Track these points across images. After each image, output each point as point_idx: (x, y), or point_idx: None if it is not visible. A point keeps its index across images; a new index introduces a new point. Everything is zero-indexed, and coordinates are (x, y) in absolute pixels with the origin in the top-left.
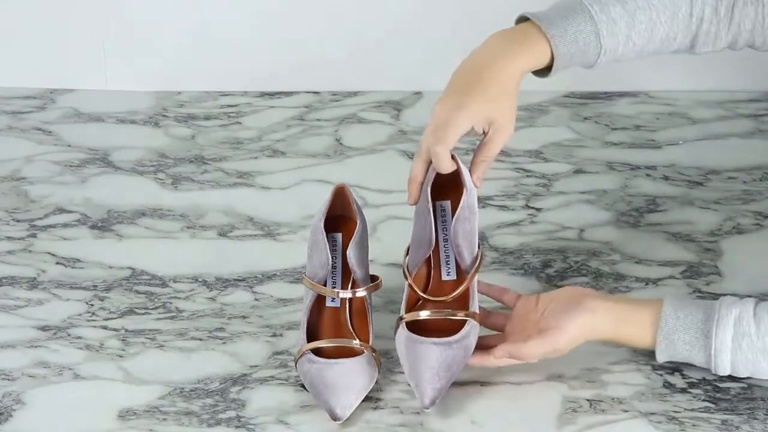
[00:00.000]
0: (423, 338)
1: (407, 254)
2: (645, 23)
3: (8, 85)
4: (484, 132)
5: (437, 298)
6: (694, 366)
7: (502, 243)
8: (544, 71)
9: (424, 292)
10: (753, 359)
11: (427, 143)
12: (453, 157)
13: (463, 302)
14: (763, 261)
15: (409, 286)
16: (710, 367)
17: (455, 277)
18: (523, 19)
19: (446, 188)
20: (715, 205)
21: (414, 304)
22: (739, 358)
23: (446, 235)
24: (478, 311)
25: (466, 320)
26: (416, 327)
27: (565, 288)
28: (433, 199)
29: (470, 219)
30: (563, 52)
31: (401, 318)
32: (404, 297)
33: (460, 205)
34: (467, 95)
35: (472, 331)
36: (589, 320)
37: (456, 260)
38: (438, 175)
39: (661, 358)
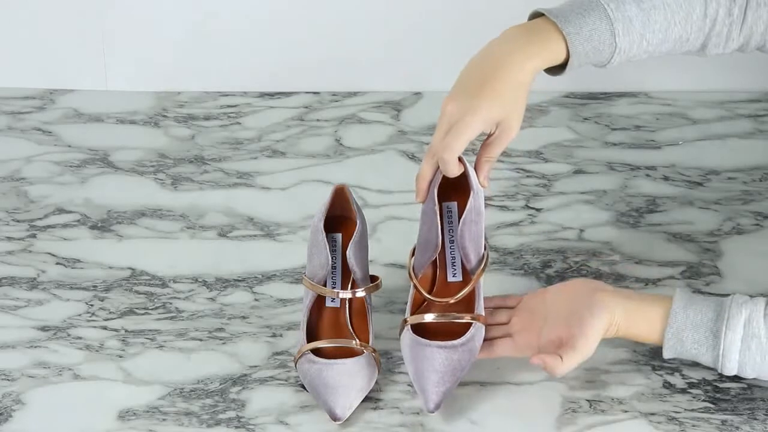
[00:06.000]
0: (428, 342)
1: (412, 255)
2: (660, 23)
3: (8, 85)
4: (490, 132)
5: (442, 299)
6: (695, 366)
7: (502, 243)
8: (556, 69)
9: (429, 294)
10: (761, 362)
11: (436, 147)
12: (460, 159)
13: (468, 304)
14: (763, 261)
15: (415, 287)
16: (717, 367)
17: (461, 279)
18: (536, 15)
19: (453, 189)
20: (715, 205)
21: (419, 306)
22: (747, 359)
23: (452, 236)
24: (483, 314)
25: (471, 323)
26: (421, 329)
27: (572, 281)
28: (440, 200)
29: (477, 221)
30: (579, 51)
31: (405, 320)
32: (410, 298)
33: (467, 207)
34: (479, 97)
35: (477, 333)
36: (608, 319)
37: (462, 262)
38: (445, 176)
39: (667, 354)
